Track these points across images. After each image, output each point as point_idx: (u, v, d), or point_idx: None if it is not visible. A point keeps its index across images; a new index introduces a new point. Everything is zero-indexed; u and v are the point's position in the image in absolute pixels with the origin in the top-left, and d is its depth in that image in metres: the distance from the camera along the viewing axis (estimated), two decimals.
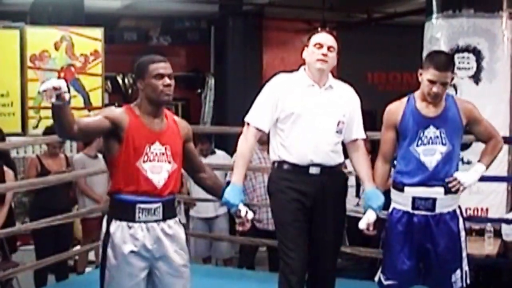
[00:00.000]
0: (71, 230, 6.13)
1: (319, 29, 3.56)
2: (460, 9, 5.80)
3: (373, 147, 7.24)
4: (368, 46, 11.01)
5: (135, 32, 10.53)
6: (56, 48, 7.55)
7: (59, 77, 7.54)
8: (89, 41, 7.81)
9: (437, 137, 3.38)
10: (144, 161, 2.97)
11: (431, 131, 3.39)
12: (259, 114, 3.46)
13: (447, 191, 3.39)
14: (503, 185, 5.83)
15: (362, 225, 3.39)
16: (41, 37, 7.55)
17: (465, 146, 5.78)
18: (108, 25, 8.51)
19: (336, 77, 3.58)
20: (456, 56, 5.82)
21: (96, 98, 7.80)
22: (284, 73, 3.57)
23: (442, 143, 3.38)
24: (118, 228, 2.97)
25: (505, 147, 5.80)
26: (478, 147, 5.63)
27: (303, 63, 3.52)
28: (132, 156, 2.96)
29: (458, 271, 3.45)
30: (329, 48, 3.41)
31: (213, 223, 6.36)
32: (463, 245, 3.48)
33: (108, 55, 8.06)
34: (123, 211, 2.98)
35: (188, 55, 10.70)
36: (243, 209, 3.27)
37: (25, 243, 6.69)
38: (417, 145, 3.39)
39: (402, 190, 3.44)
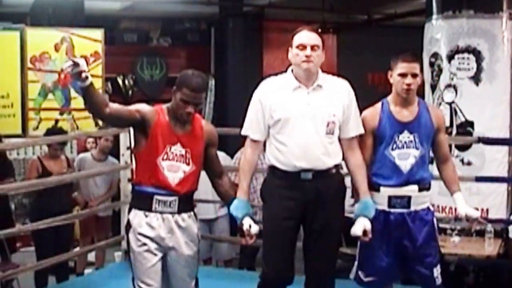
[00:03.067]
0: (71, 231, 6.13)
1: (300, 27, 3.41)
2: (460, 10, 5.81)
3: None
4: (368, 47, 11.02)
5: (135, 34, 10.53)
6: (57, 50, 7.57)
7: (59, 80, 7.56)
8: (90, 42, 7.82)
9: (411, 141, 3.46)
10: (163, 159, 3.24)
11: (406, 136, 3.46)
12: (250, 126, 3.44)
13: (421, 189, 3.48)
14: (503, 186, 5.83)
15: (358, 232, 3.37)
16: (41, 39, 7.56)
17: (465, 147, 5.79)
18: (108, 27, 8.53)
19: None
20: (456, 57, 5.83)
21: None
22: (272, 76, 3.49)
23: (416, 147, 3.46)
24: (136, 216, 3.27)
25: (505, 148, 5.82)
26: (478, 148, 5.68)
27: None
28: (153, 152, 3.23)
29: (438, 266, 3.53)
30: (312, 47, 3.30)
31: (213, 224, 6.35)
32: (439, 241, 3.62)
33: (108, 56, 8.07)
34: (142, 201, 3.27)
35: (188, 56, 10.71)
36: (246, 223, 3.31)
37: (25, 245, 6.70)
38: (392, 149, 3.46)
39: (378, 190, 3.50)
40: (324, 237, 3.41)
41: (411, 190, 3.46)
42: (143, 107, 3.27)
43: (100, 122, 7.03)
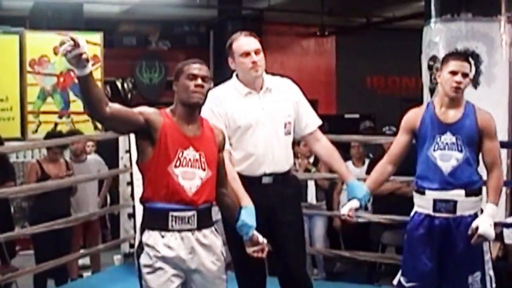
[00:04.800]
0: (70, 235, 6.12)
1: (238, 34, 3.36)
2: (458, 13, 5.81)
3: (373, 152, 7.28)
4: (367, 51, 11.03)
5: (134, 37, 10.55)
6: (55, 53, 7.55)
7: (58, 83, 7.57)
8: (88, 45, 7.77)
9: (453, 143, 3.40)
10: (175, 166, 2.82)
11: (448, 137, 3.41)
12: None
13: (468, 194, 3.41)
14: (503, 189, 5.82)
15: (344, 210, 3.41)
16: (40, 42, 7.57)
17: None
18: (107, 30, 8.53)
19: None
20: None
21: None
22: (217, 87, 3.42)
23: (459, 150, 3.39)
24: (150, 238, 2.84)
25: (504, 151, 5.82)
26: None
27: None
28: (163, 160, 2.82)
29: (478, 273, 3.45)
30: (256, 52, 3.30)
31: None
32: (485, 248, 3.47)
33: (107, 59, 8.08)
34: (156, 219, 2.84)
35: (187, 60, 10.71)
36: (260, 235, 3.10)
37: (24, 248, 6.69)
38: (434, 150, 3.42)
39: (423, 193, 3.46)
40: (292, 238, 3.42)
41: (457, 194, 3.39)
42: (147, 109, 2.85)
43: (100, 125, 7.03)
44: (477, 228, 3.32)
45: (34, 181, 5.69)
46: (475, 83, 5.79)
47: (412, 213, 3.55)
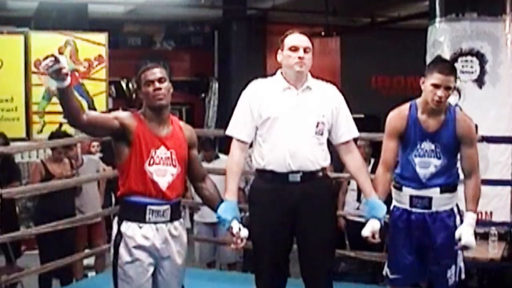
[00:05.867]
0: (75, 235, 6.13)
1: (293, 30, 3.42)
2: (463, 13, 5.81)
3: (376, 150, 7.28)
4: (371, 50, 11.03)
5: (139, 37, 10.58)
6: (60, 53, 7.55)
7: None
8: (93, 46, 7.84)
9: (432, 150, 3.46)
10: (149, 164, 3.12)
11: (427, 145, 3.46)
12: (238, 126, 3.39)
13: (443, 191, 3.49)
14: (507, 189, 5.82)
15: (366, 232, 3.37)
16: (45, 42, 7.59)
17: None
18: (112, 30, 8.55)
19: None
20: (459, 59, 5.82)
21: (100, 103, 7.82)
22: (259, 78, 3.49)
23: (437, 157, 3.46)
24: (129, 228, 3.14)
25: (509, 151, 5.81)
26: (482, 151, 5.63)
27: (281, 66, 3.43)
28: (138, 159, 3.12)
29: (453, 267, 3.54)
30: (305, 49, 3.32)
31: (217, 227, 6.35)
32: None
33: (112, 60, 8.09)
34: (134, 212, 3.15)
35: (192, 60, 10.73)
36: (235, 226, 3.24)
37: (29, 248, 6.71)
38: (415, 156, 3.48)
39: (400, 189, 3.55)
40: (318, 240, 3.38)
41: (432, 191, 3.48)
42: (121, 113, 3.19)
43: None
44: (460, 239, 3.40)
45: (38, 181, 5.69)
46: (480, 82, 5.80)
47: (391, 208, 3.61)
